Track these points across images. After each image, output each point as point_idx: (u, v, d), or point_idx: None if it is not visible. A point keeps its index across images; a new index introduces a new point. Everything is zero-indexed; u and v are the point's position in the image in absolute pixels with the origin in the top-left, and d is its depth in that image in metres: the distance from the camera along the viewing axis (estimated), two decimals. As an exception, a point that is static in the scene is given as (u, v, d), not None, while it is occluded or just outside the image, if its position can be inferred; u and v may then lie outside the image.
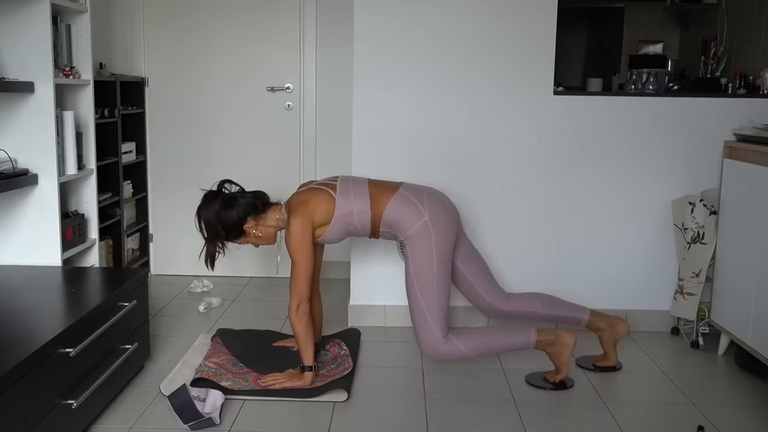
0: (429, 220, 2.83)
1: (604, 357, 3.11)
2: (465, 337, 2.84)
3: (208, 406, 2.55)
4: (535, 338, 2.86)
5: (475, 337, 2.85)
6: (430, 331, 2.82)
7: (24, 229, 3.09)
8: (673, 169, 3.49)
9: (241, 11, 4.31)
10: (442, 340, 2.82)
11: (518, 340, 2.87)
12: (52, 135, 3.05)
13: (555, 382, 2.89)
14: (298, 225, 2.77)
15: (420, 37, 3.43)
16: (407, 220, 2.84)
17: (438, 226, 2.84)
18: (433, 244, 2.83)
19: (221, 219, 2.84)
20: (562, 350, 2.87)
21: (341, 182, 2.91)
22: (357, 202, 2.85)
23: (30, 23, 2.98)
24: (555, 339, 2.87)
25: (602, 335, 3.09)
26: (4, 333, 2.21)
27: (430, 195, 2.91)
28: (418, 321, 2.85)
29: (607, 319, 3.09)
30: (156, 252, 4.52)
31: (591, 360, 3.13)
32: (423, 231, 2.83)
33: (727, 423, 2.60)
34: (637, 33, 5.23)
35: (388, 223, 2.87)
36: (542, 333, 2.88)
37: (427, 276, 2.83)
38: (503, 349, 2.89)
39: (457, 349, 2.83)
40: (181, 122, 4.40)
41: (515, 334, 2.88)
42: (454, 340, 2.83)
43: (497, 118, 3.48)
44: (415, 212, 2.84)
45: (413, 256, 2.85)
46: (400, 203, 2.86)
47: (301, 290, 2.77)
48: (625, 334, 3.08)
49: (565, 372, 2.89)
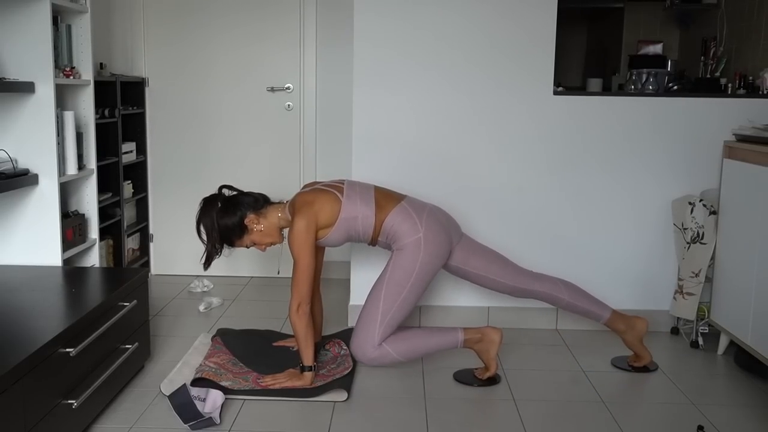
0: (423, 238, 2.85)
1: (636, 357, 3.11)
2: (394, 342, 2.87)
3: (208, 405, 2.55)
4: (463, 337, 2.90)
5: (404, 341, 2.88)
6: (371, 334, 2.84)
7: (24, 229, 3.09)
8: (673, 169, 3.49)
9: (241, 11, 4.31)
10: (376, 347, 2.84)
11: (446, 340, 2.90)
12: (52, 135, 3.05)
13: (483, 378, 2.90)
14: (302, 225, 2.77)
15: (420, 37, 3.43)
16: (403, 232, 2.86)
17: (430, 247, 2.86)
18: (419, 260, 2.85)
19: (222, 219, 2.84)
20: (489, 347, 2.89)
21: (348, 186, 2.92)
22: (363, 208, 2.86)
23: (30, 23, 2.98)
24: (482, 336, 2.90)
25: (624, 337, 3.10)
26: (4, 333, 2.21)
27: (430, 214, 2.93)
28: (364, 321, 2.87)
29: (626, 320, 3.09)
30: (156, 252, 4.53)
31: (626, 360, 3.14)
32: (414, 246, 2.85)
33: (727, 423, 2.61)
34: (637, 33, 5.23)
35: (386, 232, 2.89)
36: (469, 331, 2.91)
37: (399, 284, 2.85)
38: (432, 350, 2.92)
39: (388, 354, 2.85)
40: (181, 122, 4.41)
41: (442, 334, 2.92)
42: (384, 346, 2.85)
43: (497, 117, 3.48)
44: (412, 227, 2.86)
45: (396, 263, 2.87)
46: (401, 215, 2.88)
47: (302, 290, 2.77)
48: (646, 330, 3.08)
49: (494, 369, 2.90)
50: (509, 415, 2.64)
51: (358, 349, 2.87)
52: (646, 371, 3.07)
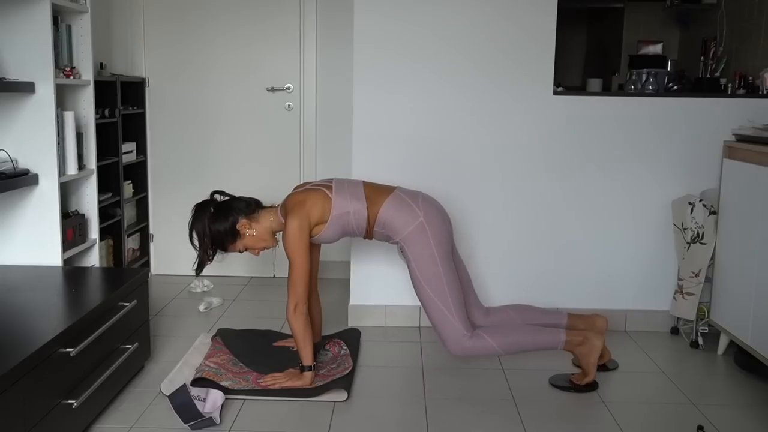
0: (424, 220, 2.84)
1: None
2: (494, 333, 2.84)
3: (208, 405, 2.55)
4: (564, 338, 2.86)
5: (504, 334, 2.86)
6: (453, 327, 2.82)
7: (24, 229, 3.09)
8: (673, 169, 3.49)
9: (241, 11, 4.31)
10: (468, 335, 2.82)
11: (546, 339, 2.87)
12: (52, 135, 3.05)
13: (581, 384, 2.87)
14: (295, 225, 2.77)
15: (420, 37, 3.43)
16: (402, 220, 2.85)
17: (433, 227, 2.85)
18: (431, 241, 2.83)
19: (214, 224, 2.83)
20: (591, 351, 2.86)
21: (337, 183, 2.92)
22: (354, 202, 2.86)
23: (30, 23, 2.98)
24: (583, 340, 2.87)
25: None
26: (4, 333, 2.21)
27: (425, 199, 2.93)
28: (438, 320, 2.84)
29: (585, 320, 3.09)
30: (156, 252, 4.53)
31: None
32: (419, 231, 2.83)
33: (727, 423, 2.61)
34: (637, 33, 5.23)
35: (381, 223, 2.87)
36: (571, 333, 2.88)
37: (433, 274, 2.83)
38: (531, 347, 2.89)
39: (487, 344, 2.82)
40: (181, 122, 4.41)
41: (545, 333, 2.89)
42: (483, 336, 2.82)
43: (497, 117, 3.48)
44: (411, 213, 2.85)
45: (414, 257, 2.85)
46: (396, 204, 2.87)
47: (298, 291, 2.77)
48: (606, 327, 3.07)
49: (593, 374, 2.87)
50: (509, 415, 2.64)
51: (453, 345, 2.83)
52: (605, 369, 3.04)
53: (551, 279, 3.57)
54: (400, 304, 3.57)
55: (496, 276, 3.55)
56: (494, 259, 3.55)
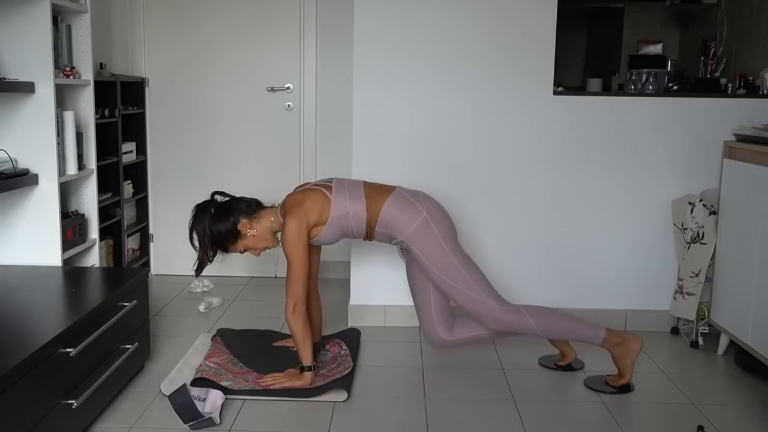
0: (428, 216, 2.85)
1: (562, 356, 3.10)
2: (536, 314, 2.85)
3: (208, 405, 2.55)
4: (603, 335, 2.86)
5: (546, 317, 2.86)
6: (485, 305, 2.82)
7: (24, 229, 3.09)
8: (673, 169, 3.49)
9: (241, 11, 4.31)
10: (504, 309, 2.83)
11: (586, 331, 2.88)
12: (52, 135, 3.05)
13: (616, 386, 2.86)
14: (294, 225, 2.77)
15: (420, 37, 3.43)
16: (405, 219, 2.85)
17: (437, 221, 2.86)
18: (437, 234, 2.84)
19: (215, 225, 2.83)
20: (628, 353, 2.85)
21: (337, 183, 2.92)
22: (353, 203, 2.86)
23: (30, 23, 2.98)
24: (623, 341, 2.86)
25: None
26: (4, 333, 2.21)
27: (426, 197, 2.94)
28: (469, 304, 2.85)
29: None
30: (156, 252, 4.53)
31: (552, 359, 3.13)
32: (424, 226, 2.84)
33: (727, 423, 2.61)
34: (637, 33, 5.23)
35: (384, 222, 2.87)
36: (611, 332, 2.88)
37: (447, 263, 2.83)
38: (569, 335, 2.91)
39: (526, 322, 2.83)
40: (181, 122, 4.41)
41: (585, 325, 2.90)
42: (524, 313, 2.83)
43: (497, 118, 3.48)
44: (413, 210, 2.85)
45: (424, 253, 2.85)
46: (398, 202, 2.87)
47: (297, 291, 2.77)
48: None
49: (629, 376, 2.86)
50: (509, 415, 2.64)
51: (493, 323, 2.84)
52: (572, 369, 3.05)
53: (551, 279, 3.57)
54: (400, 304, 3.57)
55: (496, 276, 3.54)
56: (493, 259, 3.55)
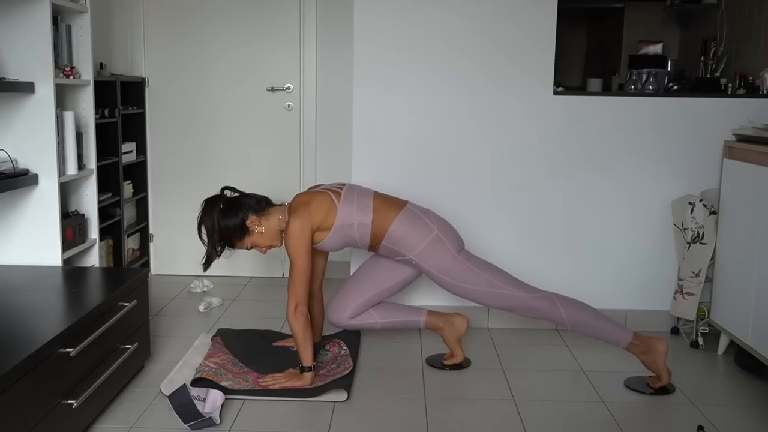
0: (439, 233, 2.88)
1: (450, 355, 3.10)
2: (567, 304, 2.88)
3: (208, 406, 2.55)
4: (630, 339, 2.88)
5: (577, 309, 2.89)
6: (512, 296, 2.87)
7: (24, 229, 3.09)
8: (673, 169, 3.49)
9: (241, 11, 4.31)
10: (533, 297, 2.87)
11: (613, 332, 2.90)
12: (52, 135, 3.05)
13: (656, 387, 2.87)
14: (297, 226, 2.77)
15: (420, 37, 3.43)
16: (416, 236, 2.86)
17: (448, 236, 2.90)
18: (449, 247, 2.87)
19: (223, 220, 2.83)
20: (656, 357, 2.86)
21: (347, 191, 2.91)
22: (359, 215, 2.85)
23: (30, 23, 2.98)
24: (648, 348, 2.88)
25: (443, 334, 3.09)
26: (4, 333, 2.21)
27: (435, 214, 2.97)
28: (497, 301, 2.90)
29: (444, 317, 3.10)
30: (156, 252, 4.53)
31: (440, 359, 3.12)
32: (436, 243, 2.87)
33: (727, 423, 2.61)
34: (637, 33, 5.24)
35: (393, 239, 2.88)
36: (638, 338, 2.89)
37: (463, 269, 2.87)
38: (597, 333, 2.92)
39: (557, 311, 2.87)
40: (181, 122, 4.41)
41: (614, 326, 2.92)
42: (556, 302, 2.87)
43: (497, 118, 3.48)
44: (424, 228, 2.87)
45: (436, 266, 2.88)
46: (408, 220, 2.88)
47: (298, 292, 2.77)
48: (466, 328, 3.07)
49: (666, 377, 2.87)
50: (509, 415, 2.64)
51: (523, 310, 2.89)
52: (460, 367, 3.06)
53: (551, 279, 3.56)
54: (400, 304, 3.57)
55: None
56: (493, 259, 3.53)
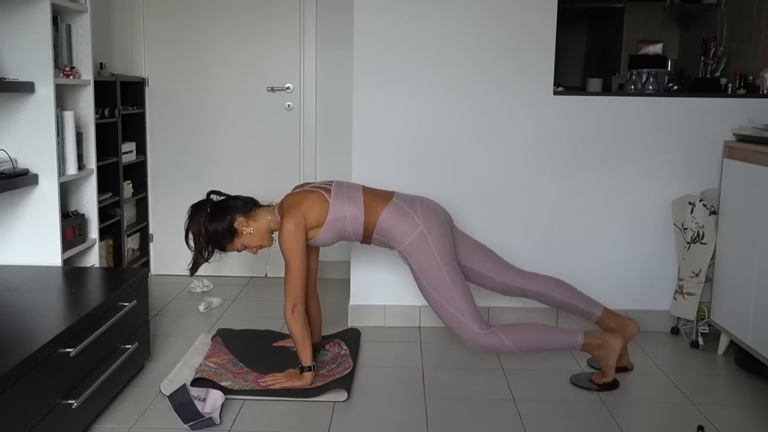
0: (425, 229, 2.85)
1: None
2: (510, 331, 2.85)
3: (208, 406, 2.55)
4: (582, 341, 2.87)
5: (520, 332, 2.87)
6: (467, 327, 2.83)
7: (24, 229, 3.09)
8: (673, 169, 3.49)
9: (241, 11, 4.31)
10: (483, 333, 2.83)
11: (565, 340, 2.88)
12: (52, 135, 3.05)
13: (600, 384, 2.88)
14: (291, 226, 2.77)
15: (420, 37, 3.43)
16: (402, 230, 2.86)
17: (434, 234, 2.87)
18: (433, 249, 2.85)
19: (211, 223, 2.83)
20: (609, 354, 2.86)
21: (336, 186, 2.92)
22: (351, 208, 2.86)
23: (30, 23, 2.98)
24: (602, 343, 2.87)
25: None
26: (4, 333, 2.21)
27: (422, 205, 2.94)
28: (452, 323, 2.86)
29: (618, 319, 3.09)
30: (156, 252, 4.52)
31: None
32: (420, 240, 2.85)
33: (727, 423, 2.61)
34: (637, 33, 5.24)
35: (382, 231, 2.89)
36: (589, 336, 2.88)
37: (439, 280, 2.84)
38: (548, 347, 2.90)
39: (502, 343, 2.84)
40: (181, 122, 4.41)
41: (562, 333, 2.90)
42: (499, 334, 2.84)
43: (497, 117, 3.48)
44: (410, 222, 2.86)
45: (418, 266, 2.87)
46: (395, 213, 2.87)
47: (295, 292, 2.77)
48: (635, 334, 3.07)
49: (611, 375, 2.88)
50: (509, 415, 2.64)
51: (470, 343, 2.86)
52: (625, 371, 3.05)
53: (551, 279, 3.57)
54: (400, 304, 3.57)
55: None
56: (494, 259, 3.55)
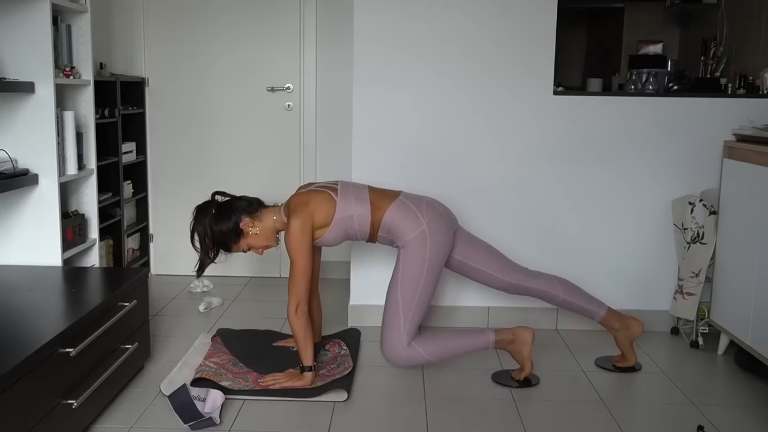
0: (427, 229, 2.85)
1: (622, 357, 3.11)
2: (423, 342, 2.87)
3: (208, 406, 2.55)
4: (494, 338, 2.89)
5: (433, 342, 2.89)
6: (398, 334, 2.85)
7: (24, 229, 3.09)
8: (673, 169, 3.49)
9: (241, 11, 4.31)
10: (406, 347, 2.85)
11: (476, 341, 2.90)
12: (52, 135, 3.05)
13: (520, 379, 2.90)
14: (298, 226, 2.77)
15: (420, 37, 3.43)
16: (405, 227, 2.86)
17: (435, 236, 2.87)
18: (427, 252, 2.85)
19: (216, 224, 2.83)
20: (522, 347, 2.89)
21: (342, 186, 2.93)
22: (357, 206, 2.86)
23: (30, 23, 2.98)
24: (513, 337, 2.90)
25: (617, 335, 3.09)
26: (4, 333, 2.21)
27: (428, 205, 2.94)
28: (389, 322, 2.87)
29: (622, 319, 3.09)
30: (156, 252, 4.53)
31: (610, 360, 3.13)
32: (420, 239, 2.85)
33: (727, 423, 2.61)
34: (637, 33, 5.23)
35: (386, 228, 2.89)
36: (501, 332, 2.91)
37: (413, 280, 2.85)
38: (462, 351, 2.92)
39: (418, 355, 2.86)
40: (181, 122, 4.41)
41: (473, 336, 2.92)
42: (415, 347, 2.85)
43: (497, 117, 3.48)
44: (414, 220, 2.86)
45: (405, 260, 2.87)
46: (400, 210, 2.88)
47: (299, 291, 2.77)
48: (640, 334, 3.07)
49: (529, 368, 2.90)
50: (509, 415, 2.64)
51: (389, 352, 2.87)
52: (632, 370, 3.06)
53: (551, 279, 3.57)
54: (400, 304, 3.57)
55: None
56: (494, 259, 3.55)
